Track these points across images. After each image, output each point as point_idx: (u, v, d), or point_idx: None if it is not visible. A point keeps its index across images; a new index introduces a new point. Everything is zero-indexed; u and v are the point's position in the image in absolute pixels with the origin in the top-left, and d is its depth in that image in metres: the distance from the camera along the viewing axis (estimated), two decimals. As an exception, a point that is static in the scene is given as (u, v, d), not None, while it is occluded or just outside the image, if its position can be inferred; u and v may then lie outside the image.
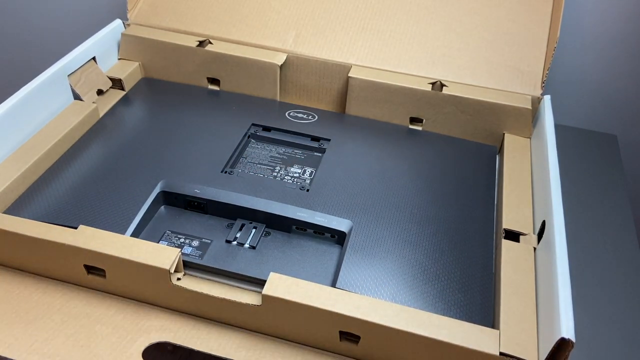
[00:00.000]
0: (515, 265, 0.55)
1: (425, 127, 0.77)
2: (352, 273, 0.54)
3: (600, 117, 0.98)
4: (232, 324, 0.54)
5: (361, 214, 0.61)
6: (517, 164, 0.69)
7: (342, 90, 0.80)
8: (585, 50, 0.91)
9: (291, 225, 0.60)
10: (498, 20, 0.79)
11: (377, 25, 0.80)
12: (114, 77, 0.80)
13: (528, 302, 0.51)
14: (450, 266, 0.56)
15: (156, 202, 0.62)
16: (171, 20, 0.83)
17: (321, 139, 0.73)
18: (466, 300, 0.53)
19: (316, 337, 0.52)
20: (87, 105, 0.73)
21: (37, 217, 0.58)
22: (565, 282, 0.47)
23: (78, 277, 0.56)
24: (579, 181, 0.82)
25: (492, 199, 0.66)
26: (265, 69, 0.78)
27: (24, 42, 1.21)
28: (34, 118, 0.68)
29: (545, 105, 0.73)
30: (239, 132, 0.72)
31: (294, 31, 0.81)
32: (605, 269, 0.69)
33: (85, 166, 0.65)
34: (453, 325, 0.48)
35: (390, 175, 0.67)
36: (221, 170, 0.66)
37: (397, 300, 0.53)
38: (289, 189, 0.64)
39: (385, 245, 0.58)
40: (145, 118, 0.75)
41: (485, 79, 0.75)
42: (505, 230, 0.59)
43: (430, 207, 0.63)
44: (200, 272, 0.56)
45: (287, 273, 0.51)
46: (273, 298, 0.49)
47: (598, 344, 0.60)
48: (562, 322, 0.44)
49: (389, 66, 0.77)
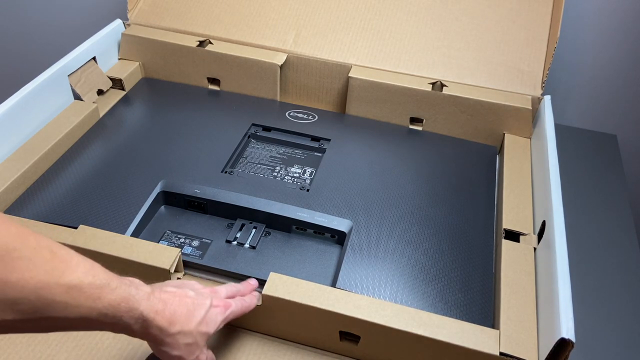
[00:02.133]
0: (515, 265, 0.55)
1: (425, 127, 0.77)
2: (352, 273, 0.54)
3: (600, 117, 0.98)
4: (231, 324, 0.54)
5: (361, 214, 0.61)
6: (517, 164, 0.69)
7: (342, 90, 0.80)
8: (585, 50, 0.91)
9: (291, 225, 0.60)
10: (498, 20, 0.79)
11: (377, 25, 0.80)
12: (114, 77, 0.80)
13: (528, 302, 0.51)
14: (450, 266, 0.56)
15: (156, 202, 0.62)
16: (171, 20, 0.83)
17: (321, 139, 0.73)
18: (466, 300, 0.53)
19: (316, 337, 0.52)
20: (87, 105, 0.73)
21: (37, 217, 0.58)
22: (565, 282, 0.47)
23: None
24: (579, 181, 0.82)
25: (492, 199, 0.66)
26: (265, 69, 0.78)
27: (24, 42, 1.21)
28: (34, 118, 0.68)
29: (545, 105, 0.73)
30: (239, 132, 0.72)
31: (294, 31, 0.81)
32: (605, 269, 0.69)
33: (85, 166, 0.65)
34: (453, 325, 0.48)
35: (390, 175, 0.67)
36: (221, 170, 0.66)
37: (397, 300, 0.53)
38: (289, 189, 0.64)
39: (385, 245, 0.58)
40: (145, 118, 0.75)
41: (485, 79, 0.75)
42: (505, 230, 0.59)
43: (430, 207, 0.63)
44: (200, 272, 0.56)
45: (287, 273, 0.51)
46: (273, 298, 0.49)
47: (598, 344, 0.60)
48: (562, 322, 0.44)
49: (389, 66, 0.77)
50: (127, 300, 0.37)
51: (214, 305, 0.44)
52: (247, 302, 0.49)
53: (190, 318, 0.42)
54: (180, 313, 0.41)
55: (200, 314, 0.42)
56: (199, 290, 0.45)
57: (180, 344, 0.41)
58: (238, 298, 0.48)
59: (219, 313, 0.44)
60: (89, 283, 0.35)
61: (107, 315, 0.36)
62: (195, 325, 0.42)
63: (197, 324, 0.42)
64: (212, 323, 0.43)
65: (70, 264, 0.35)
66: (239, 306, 0.47)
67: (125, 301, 0.37)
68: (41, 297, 0.33)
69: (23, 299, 0.32)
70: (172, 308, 0.41)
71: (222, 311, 0.45)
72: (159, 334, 0.40)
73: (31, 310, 0.33)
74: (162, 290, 0.42)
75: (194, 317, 0.42)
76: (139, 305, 0.38)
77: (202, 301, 0.43)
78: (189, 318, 0.42)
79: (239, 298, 0.48)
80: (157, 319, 0.39)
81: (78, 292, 0.34)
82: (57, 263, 0.34)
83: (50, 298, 0.33)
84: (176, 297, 0.42)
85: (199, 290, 0.45)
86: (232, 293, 0.48)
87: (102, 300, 0.36)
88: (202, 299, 0.43)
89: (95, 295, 0.35)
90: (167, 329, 0.40)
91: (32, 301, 0.32)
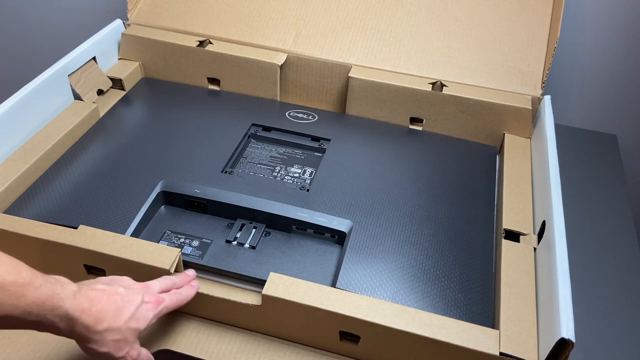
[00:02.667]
0: (515, 265, 0.55)
1: (425, 127, 0.77)
2: (352, 273, 0.54)
3: (600, 117, 0.98)
4: (232, 324, 0.54)
5: (361, 214, 0.61)
6: (517, 164, 0.69)
7: (342, 90, 0.80)
8: (585, 50, 0.91)
9: (291, 225, 0.60)
10: (498, 20, 0.79)
11: (377, 25, 0.80)
12: (114, 77, 0.80)
13: (528, 302, 0.51)
14: (450, 266, 0.56)
15: (156, 202, 0.62)
16: (171, 20, 0.83)
17: (321, 139, 0.73)
18: (466, 300, 0.53)
19: (316, 337, 0.52)
20: (88, 105, 0.73)
21: (37, 217, 0.58)
22: (565, 282, 0.47)
23: (78, 277, 0.56)
24: (579, 181, 0.82)
25: (492, 199, 0.66)
26: (265, 69, 0.78)
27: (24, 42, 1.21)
28: (34, 118, 0.68)
29: (545, 105, 0.73)
30: (239, 132, 0.72)
31: (294, 31, 0.81)
32: (605, 269, 0.69)
33: (85, 166, 0.65)
34: (453, 325, 0.48)
35: (390, 175, 0.67)
36: (221, 170, 0.66)
37: (397, 300, 0.53)
38: (289, 189, 0.64)
39: (385, 245, 0.58)
40: (145, 118, 0.75)
41: (485, 79, 0.75)
42: (505, 230, 0.59)
43: (430, 207, 0.63)
44: (200, 272, 0.56)
45: (287, 273, 0.51)
46: (273, 298, 0.49)
47: (598, 344, 0.60)
48: (562, 322, 0.44)
49: (389, 66, 0.77)
50: (51, 298, 0.38)
51: (146, 301, 0.45)
52: (183, 295, 0.49)
53: (119, 315, 0.42)
54: (108, 310, 0.42)
55: (130, 310, 0.43)
56: (131, 286, 0.45)
57: (108, 340, 0.42)
58: (173, 292, 0.49)
59: (150, 309, 0.45)
60: (12, 281, 0.35)
61: (30, 313, 0.36)
62: (124, 321, 0.42)
63: (126, 321, 0.42)
64: (142, 319, 0.44)
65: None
66: (173, 300, 0.48)
67: (49, 299, 0.37)
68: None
69: None
70: (99, 306, 0.41)
71: (153, 307, 0.45)
72: (85, 332, 0.40)
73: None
74: (90, 287, 0.42)
75: (123, 314, 0.42)
76: (64, 304, 0.38)
77: (132, 297, 0.44)
78: (117, 315, 0.42)
79: (174, 292, 0.49)
80: (82, 317, 0.40)
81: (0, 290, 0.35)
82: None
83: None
84: (104, 294, 0.42)
85: (131, 287, 0.45)
86: (167, 287, 0.49)
87: (25, 298, 0.36)
88: (133, 295, 0.44)
89: (18, 293, 0.35)
90: (94, 326, 0.40)
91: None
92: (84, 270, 0.55)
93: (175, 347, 0.52)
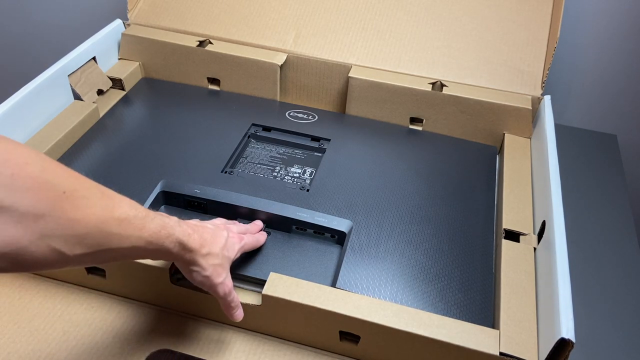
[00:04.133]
0: (515, 265, 0.55)
1: (425, 127, 0.77)
2: (352, 273, 0.54)
3: (600, 117, 0.98)
4: (232, 324, 0.54)
5: (361, 214, 0.61)
6: (517, 164, 0.69)
7: (342, 90, 0.80)
8: (585, 50, 0.91)
9: (291, 225, 0.60)
10: (498, 20, 0.79)
11: (377, 25, 0.80)
12: (114, 77, 0.80)
13: (528, 302, 0.51)
14: (450, 266, 0.56)
15: (156, 202, 0.62)
16: (171, 20, 0.83)
17: (321, 139, 0.73)
18: (466, 300, 0.53)
19: (316, 337, 0.52)
20: (88, 105, 0.73)
21: (37, 217, 0.58)
22: (565, 282, 0.47)
23: (78, 277, 0.56)
24: (579, 181, 0.82)
25: (492, 199, 0.66)
26: (265, 69, 0.78)
27: (24, 42, 1.21)
28: (34, 118, 0.68)
29: (545, 105, 0.73)
30: (239, 132, 0.72)
31: (294, 31, 0.81)
32: (605, 269, 0.69)
33: (85, 166, 0.65)
34: (453, 325, 0.48)
35: (390, 175, 0.67)
36: (221, 170, 0.66)
37: (397, 300, 0.53)
38: (289, 189, 0.64)
39: (385, 245, 0.58)
40: (145, 118, 0.75)
41: (485, 79, 0.75)
42: (505, 230, 0.59)
43: (430, 207, 0.63)
44: (200, 272, 0.56)
45: (287, 273, 0.51)
46: (273, 298, 0.49)
47: (598, 344, 0.60)
48: (562, 322, 0.44)
49: (389, 66, 0.77)
50: (164, 227, 0.41)
51: (231, 236, 0.50)
52: (257, 238, 0.56)
53: (215, 242, 0.47)
54: (207, 237, 0.46)
55: (222, 240, 0.48)
56: (216, 223, 0.51)
57: (209, 264, 0.46)
58: (248, 234, 0.54)
59: (236, 242, 0.50)
60: (134, 215, 0.39)
61: (151, 242, 0.40)
62: (220, 248, 0.47)
63: (222, 248, 0.47)
64: (231, 249, 0.49)
65: (116, 200, 0.38)
66: (250, 240, 0.54)
67: (164, 228, 0.41)
68: (102, 231, 0.36)
69: (88, 234, 0.35)
70: (199, 233, 0.45)
71: (238, 241, 0.51)
72: (192, 256, 0.44)
73: (95, 244, 0.36)
74: (185, 221, 0.46)
75: (218, 242, 0.47)
76: (174, 231, 0.42)
77: (220, 231, 0.48)
78: (214, 242, 0.47)
79: (249, 234, 0.55)
80: (190, 240, 0.44)
81: (128, 224, 0.38)
82: (107, 200, 0.38)
83: (108, 231, 0.37)
84: (199, 225, 0.47)
85: (216, 224, 0.51)
86: (243, 230, 0.55)
87: (146, 229, 0.40)
88: (220, 230, 0.49)
89: (140, 226, 0.39)
90: (199, 250, 0.45)
91: (95, 235, 0.36)
92: (84, 271, 0.55)
93: (175, 347, 0.52)
